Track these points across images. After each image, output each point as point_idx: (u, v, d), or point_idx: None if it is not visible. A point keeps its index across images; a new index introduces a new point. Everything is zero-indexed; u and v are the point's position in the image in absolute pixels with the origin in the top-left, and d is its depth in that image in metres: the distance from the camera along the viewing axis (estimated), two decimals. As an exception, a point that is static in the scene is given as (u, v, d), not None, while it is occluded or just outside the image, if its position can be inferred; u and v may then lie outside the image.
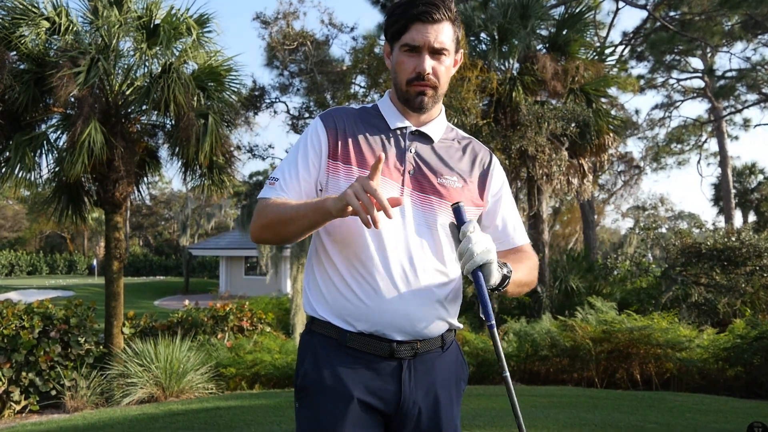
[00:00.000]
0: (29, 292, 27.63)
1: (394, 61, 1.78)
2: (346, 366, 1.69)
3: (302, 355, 1.78)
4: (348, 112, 1.86)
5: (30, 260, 50.70)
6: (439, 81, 1.76)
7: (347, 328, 1.70)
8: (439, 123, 1.88)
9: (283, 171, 1.78)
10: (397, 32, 1.74)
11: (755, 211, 33.04)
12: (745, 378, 7.53)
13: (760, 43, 25.58)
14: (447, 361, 1.81)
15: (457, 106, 11.59)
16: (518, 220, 2.00)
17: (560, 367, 8.38)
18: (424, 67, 1.71)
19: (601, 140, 12.48)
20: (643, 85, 28.76)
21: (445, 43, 1.73)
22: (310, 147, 1.79)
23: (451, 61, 1.79)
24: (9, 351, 7.67)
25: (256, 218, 1.77)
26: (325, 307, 1.74)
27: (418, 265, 1.70)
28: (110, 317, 8.90)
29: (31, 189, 8.97)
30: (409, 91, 1.76)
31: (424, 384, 1.73)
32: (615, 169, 34.11)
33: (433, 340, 1.76)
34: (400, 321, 1.68)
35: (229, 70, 9.28)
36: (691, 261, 11.25)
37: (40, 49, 8.40)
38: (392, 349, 1.69)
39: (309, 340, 1.78)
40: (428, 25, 1.70)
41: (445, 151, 1.85)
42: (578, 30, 13.14)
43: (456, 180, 1.81)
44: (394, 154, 1.78)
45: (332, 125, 1.80)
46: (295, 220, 1.64)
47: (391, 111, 1.85)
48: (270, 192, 1.76)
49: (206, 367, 8.18)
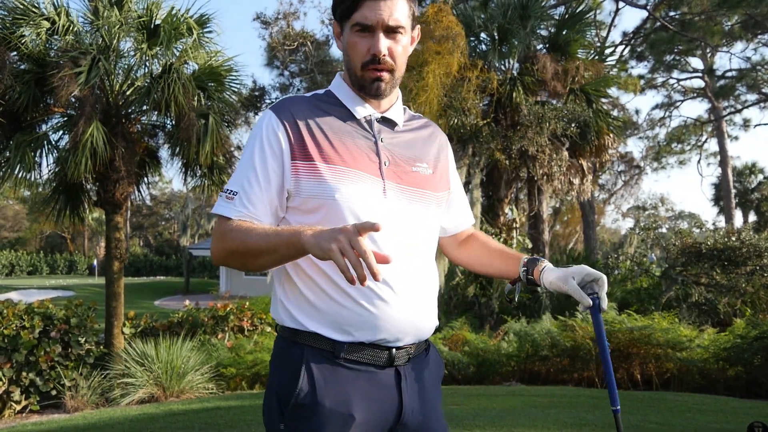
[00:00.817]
0: (30, 292, 27.63)
1: (345, 42, 1.61)
2: (346, 382, 1.52)
3: (288, 373, 1.54)
4: (303, 102, 1.66)
5: (30, 260, 50.75)
6: (396, 62, 1.60)
7: (344, 339, 1.52)
8: (399, 106, 1.73)
9: (242, 182, 1.57)
10: (346, 10, 1.57)
11: (755, 210, 33.08)
12: (746, 378, 7.53)
13: (760, 42, 25.61)
14: (430, 361, 1.72)
15: (458, 107, 11.60)
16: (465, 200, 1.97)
17: (560, 367, 8.38)
18: (378, 48, 1.55)
19: (602, 140, 12.50)
20: (643, 85, 28.79)
21: (401, 20, 1.56)
22: (269, 149, 1.57)
23: (408, 40, 1.64)
24: (9, 351, 7.67)
25: (218, 242, 1.56)
26: (316, 318, 1.54)
27: (412, 263, 1.59)
28: (111, 317, 8.90)
29: (31, 189, 8.99)
30: (364, 76, 1.60)
31: (418, 390, 1.62)
32: (615, 169, 34.20)
33: (423, 342, 1.68)
34: (404, 325, 1.56)
35: (229, 71, 9.29)
36: (692, 261, 11.25)
37: (41, 50, 8.40)
38: (392, 357, 1.56)
39: (296, 352, 1.55)
40: (380, 2, 1.53)
41: (411, 138, 1.73)
42: (578, 30, 13.16)
43: (426, 167, 1.71)
44: (365, 145, 1.61)
45: (290, 119, 1.59)
46: (265, 253, 1.46)
47: (350, 97, 1.67)
48: (229, 209, 1.55)
49: (207, 367, 8.18)
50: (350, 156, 1.58)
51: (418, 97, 11.33)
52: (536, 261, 1.75)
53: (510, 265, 1.83)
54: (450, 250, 2.01)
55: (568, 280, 1.63)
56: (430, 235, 1.69)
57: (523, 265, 1.77)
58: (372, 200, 1.55)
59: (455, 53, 11.71)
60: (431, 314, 1.65)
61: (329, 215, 1.53)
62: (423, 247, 1.65)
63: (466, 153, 11.86)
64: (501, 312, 12.44)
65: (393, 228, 1.55)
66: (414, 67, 11.94)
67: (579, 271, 1.64)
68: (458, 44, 11.77)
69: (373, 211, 1.53)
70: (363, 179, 1.56)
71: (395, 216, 1.57)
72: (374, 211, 1.53)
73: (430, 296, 1.66)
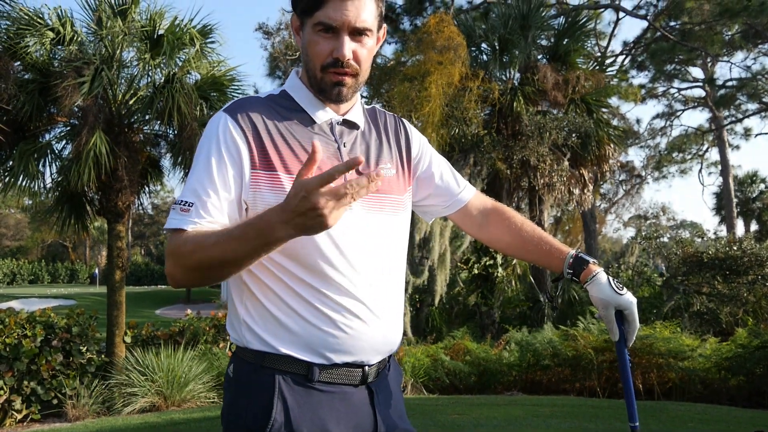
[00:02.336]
0: (31, 301, 27.62)
1: (306, 40, 1.46)
2: (321, 406, 1.42)
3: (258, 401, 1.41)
4: (259, 104, 1.50)
5: (32, 269, 50.74)
6: (361, 66, 1.47)
7: (319, 362, 1.42)
8: (358, 107, 1.61)
9: (198, 191, 1.39)
10: (309, 6, 1.43)
11: (757, 220, 33.04)
12: (748, 387, 7.51)
13: (760, 52, 25.68)
14: (393, 372, 1.64)
15: (459, 116, 11.64)
16: (453, 170, 1.83)
17: (562, 376, 8.37)
18: (343, 52, 1.41)
19: (602, 150, 12.53)
20: (644, 94, 28.87)
21: (368, 21, 1.43)
22: (227, 155, 1.41)
23: (374, 41, 1.50)
24: (11, 360, 7.67)
25: (175, 259, 1.35)
26: (288, 341, 1.41)
27: (383, 276, 1.50)
28: (112, 326, 8.90)
29: (33, 198, 9.01)
30: (324, 79, 1.46)
31: (388, 402, 1.55)
32: (616, 179, 34.20)
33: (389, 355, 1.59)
34: (379, 343, 1.48)
35: (231, 80, 9.33)
36: (693, 270, 11.24)
37: (45, 59, 8.45)
38: (365, 375, 1.48)
39: (265, 380, 1.42)
40: (347, 1, 1.40)
41: (372, 137, 1.61)
42: (578, 40, 13.23)
43: (389, 167, 1.59)
44: (328, 152, 1.48)
45: (248, 123, 1.44)
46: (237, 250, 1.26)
47: (309, 100, 1.53)
48: (185, 221, 1.37)
49: (208, 376, 8.17)
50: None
51: (421, 107, 11.37)
52: (585, 263, 1.64)
53: (552, 260, 1.70)
54: (471, 229, 1.86)
55: (610, 308, 1.57)
56: (399, 243, 1.59)
57: (569, 266, 1.66)
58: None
59: (457, 63, 11.77)
60: (400, 327, 1.57)
61: None
62: (393, 258, 1.55)
63: (468, 162, 11.89)
64: (502, 321, 12.43)
65: (361, 240, 1.46)
66: (416, 77, 11.99)
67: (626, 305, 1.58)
68: (459, 54, 11.83)
69: (340, 224, 1.37)
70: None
71: (364, 227, 1.47)
72: (341, 224, 1.39)
73: (400, 308, 1.58)
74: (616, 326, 1.59)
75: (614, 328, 1.59)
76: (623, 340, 1.60)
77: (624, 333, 1.59)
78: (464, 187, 1.82)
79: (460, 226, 1.89)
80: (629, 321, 1.59)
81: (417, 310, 13.85)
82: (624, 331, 1.59)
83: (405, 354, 8.77)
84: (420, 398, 7.81)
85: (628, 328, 1.59)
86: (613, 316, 1.58)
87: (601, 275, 1.61)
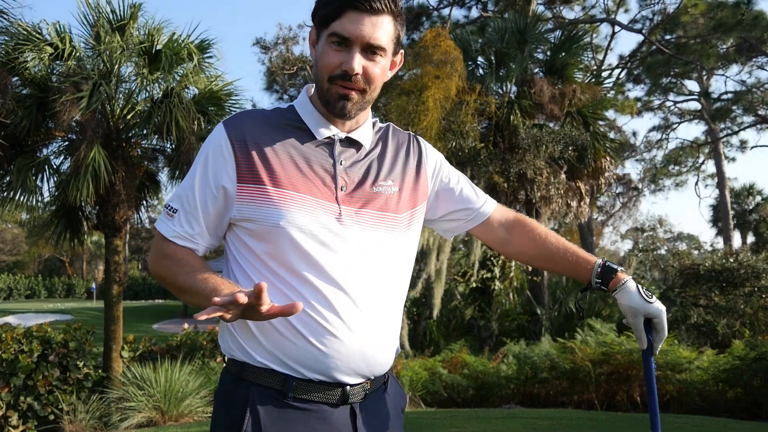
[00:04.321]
0: (27, 316, 27.50)
1: (319, 51, 1.47)
2: (295, 424, 1.39)
3: (232, 413, 1.42)
4: (259, 118, 1.53)
5: (28, 284, 50.53)
6: (370, 85, 1.46)
7: (294, 375, 1.41)
8: (367, 126, 1.60)
9: (183, 200, 1.50)
10: (327, 17, 1.43)
11: (754, 232, 33.11)
12: (745, 399, 7.51)
13: (754, 65, 25.84)
14: (391, 395, 1.60)
15: (456, 130, 11.69)
16: (472, 184, 1.81)
17: (560, 389, 8.36)
18: (352, 65, 1.41)
19: (599, 163, 12.58)
20: (640, 107, 29.00)
21: (382, 40, 1.43)
22: (211, 171, 1.47)
23: (388, 63, 1.50)
24: (7, 375, 7.65)
25: (154, 259, 1.54)
26: (264, 352, 1.42)
27: (367, 293, 1.45)
28: (109, 341, 8.88)
29: (30, 213, 9.01)
30: (330, 90, 1.46)
31: (375, 426, 1.49)
32: (613, 191, 34.28)
33: (381, 376, 1.54)
34: (356, 361, 1.43)
35: (229, 95, 9.37)
36: (690, 282, 11.27)
37: (43, 75, 8.48)
38: (345, 395, 1.44)
39: (241, 393, 1.42)
40: (365, 15, 1.40)
41: (376, 155, 1.59)
42: (574, 54, 13.30)
43: (391, 185, 1.56)
44: (321, 169, 1.48)
45: (240, 137, 1.47)
46: (188, 294, 1.43)
47: (312, 116, 1.54)
48: (166, 228, 1.51)
49: (206, 391, 8.15)
50: (302, 180, 1.46)
51: (419, 121, 11.42)
52: (613, 272, 1.63)
53: (579, 271, 1.69)
54: (494, 244, 1.84)
55: (639, 316, 1.57)
56: (394, 261, 1.54)
57: (597, 275, 1.64)
58: (324, 228, 1.43)
59: (454, 77, 11.83)
60: (387, 346, 1.51)
61: (277, 242, 1.42)
62: (384, 276, 1.50)
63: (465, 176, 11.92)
64: (500, 334, 12.42)
65: (349, 256, 1.44)
66: (414, 91, 12.05)
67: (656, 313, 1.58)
68: (456, 68, 11.89)
69: (325, 239, 1.42)
70: (315, 205, 1.44)
71: (353, 243, 1.45)
72: (326, 239, 1.42)
73: (390, 329, 1.52)
74: (644, 335, 1.59)
75: (642, 336, 1.58)
76: (650, 348, 1.60)
77: (651, 341, 1.59)
78: (485, 200, 1.80)
79: (483, 241, 1.87)
80: (657, 330, 1.59)
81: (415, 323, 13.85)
82: (651, 340, 1.59)
83: (402, 367, 8.76)
84: (417, 412, 7.79)
85: (656, 336, 1.59)
86: (642, 324, 1.58)
87: (630, 283, 1.61)
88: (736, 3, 21.03)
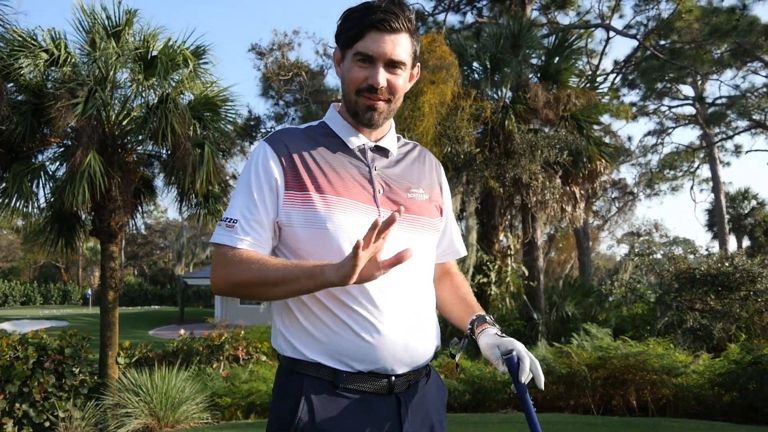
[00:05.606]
0: (23, 322, 27.42)
1: (345, 69, 1.63)
2: (346, 411, 1.52)
3: (288, 402, 1.55)
4: (296, 133, 1.68)
5: (24, 290, 50.36)
6: (394, 96, 1.63)
7: (344, 369, 1.54)
8: (392, 135, 1.76)
9: (241, 210, 1.58)
10: (350, 39, 1.60)
11: (749, 236, 33.20)
12: (741, 403, 7.51)
13: (749, 70, 25.95)
14: (432, 387, 1.73)
15: (452, 135, 11.70)
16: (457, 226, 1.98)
17: (556, 394, 8.35)
18: (377, 79, 1.57)
19: (593, 167, 12.60)
20: (635, 112, 29.08)
21: (402, 56, 1.60)
22: (264, 179, 1.59)
23: (407, 76, 1.67)
24: (3, 382, 7.62)
25: (223, 271, 1.57)
26: (315, 348, 1.55)
27: (409, 291, 1.60)
28: (105, 347, 8.87)
29: (26, 219, 9.00)
30: (358, 103, 1.62)
31: (419, 416, 1.62)
32: (609, 196, 34.33)
33: (423, 368, 1.67)
34: (401, 354, 1.56)
35: (225, 101, 9.39)
36: (686, 287, 11.28)
37: (39, 81, 8.49)
38: (391, 385, 1.57)
39: (295, 384, 1.56)
40: (385, 35, 1.56)
41: (405, 164, 1.75)
42: (569, 59, 13.33)
43: (422, 192, 1.73)
44: (359, 174, 1.64)
45: (284, 151, 1.61)
46: (282, 284, 1.47)
47: (344, 127, 1.69)
48: (231, 237, 1.57)
49: (202, 397, 8.13)
50: (343, 186, 1.59)
51: (415, 126, 11.43)
52: (482, 320, 1.76)
53: (464, 318, 1.83)
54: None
55: (493, 348, 1.64)
56: (427, 261, 1.71)
57: (470, 322, 1.78)
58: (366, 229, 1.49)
59: (449, 82, 11.85)
60: (430, 341, 1.66)
61: (323, 245, 1.54)
62: (420, 274, 1.66)
63: (461, 181, 11.94)
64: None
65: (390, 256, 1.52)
66: (409, 96, 12.07)
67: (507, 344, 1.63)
68: (452, 73, 11.92)
69: None
70: (356, 208, 1.58)
71: (393, 243, 1.52)
72: None
73: (429, 323, 1.66)
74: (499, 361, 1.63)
75: (499, 363, 1.63)
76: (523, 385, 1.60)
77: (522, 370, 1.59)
78: (461, 245, 1.97)
79: None
80: (521, 357, 1.60)
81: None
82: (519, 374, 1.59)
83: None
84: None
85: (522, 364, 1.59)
86: (499, 355, 1.63)
87: (491, 329, 1.72)
88: (731, 8, 21.13)
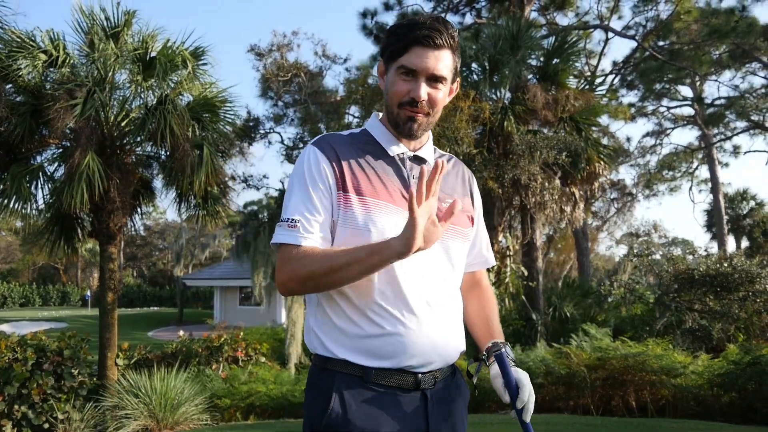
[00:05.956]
0: (22, 324, 27.39)
1: (389, 82, 1.70)
2: (375, 404, 1.59)
3: (320, 398, 1.62)
4: (341, 139, 1.75)
5: (23, 292, 50.29)
6: (433, 109, 1.70)
7: (372, 365, 1.60)
8: (429, 146, 1.83)
9: (301, 210, 1.64)
10: (395, 53, 1.66)
11: (748, 236, 33.18)
12: (740, 404, 7.52)
13: (747, 71, 25.96)
14: (456, 385, 1.78)
15: (451, 136, 11.70)
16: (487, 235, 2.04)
17: (555, 394, 8.35)
18: (419, 93, 1.64)
19: (592, 168, 12.59)
20: (633, 113, 29.08)
21: (443, 71, 1.66)
22: (319, 180, 1.66)
23: (447, 90, 1.74)
24: (1, 384, 7.62)
25: (289, 268, 1.61)
26: (345, 345, 1.62)
27: (438, 294, 1.67)
28: (104, 349, 8.86)
29: (25, 220, 8.99)
30: (400, 114, 1.69)
31: (444, 412, 1.69)
32: (608, 197, 34.32)
33: (449, 366, 1.74)
34: (429, 351, 1.63)
35: (224, 102, 9.38)
36: (685, 287, 11.27)
37: (37, 82, 8.49)
38: (418, 381, 1.63)
39: (327, 380, 1.63)
40: (429, 50, 1.63)
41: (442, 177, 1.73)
42: (567, 60, 13.33)
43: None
44: (399, 181, 1.71)
45: (333, 155, 1.68)
46: (349, 266, 1.52)
47: (384, 136, 1.76)
48: (294, 237, 1.62)
49: (201, 398, 8.13)
50: (385, 191, 1.67)
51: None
52: (497, 348, 1.81)
53: (483, 341, 1.89)
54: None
55: (497, 379, 1.74)
56: (457, 266, 1.78)
57: (486, 349, 1.84)
58: None
59: (447, 83, 11.84)
60: (457, 340, 1.73)
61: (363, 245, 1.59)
62: (450, 277, 1.74)
63: (459, 181, 11.92)
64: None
65: (425, 259, 1.64)
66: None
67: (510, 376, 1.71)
68: (450, 74, 11.91)
69: None
70: (397, 213, 1.65)
71: (424, 253, 1.59)
72: None
73: (455, 324, 1.74)
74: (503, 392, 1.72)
75: (502, 394, 1.72)
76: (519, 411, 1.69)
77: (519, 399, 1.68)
78: (490, 255, 2.02)
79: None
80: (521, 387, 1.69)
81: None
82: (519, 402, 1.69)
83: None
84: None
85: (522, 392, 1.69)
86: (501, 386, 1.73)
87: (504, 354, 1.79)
88: (730, 10, 21.13)
